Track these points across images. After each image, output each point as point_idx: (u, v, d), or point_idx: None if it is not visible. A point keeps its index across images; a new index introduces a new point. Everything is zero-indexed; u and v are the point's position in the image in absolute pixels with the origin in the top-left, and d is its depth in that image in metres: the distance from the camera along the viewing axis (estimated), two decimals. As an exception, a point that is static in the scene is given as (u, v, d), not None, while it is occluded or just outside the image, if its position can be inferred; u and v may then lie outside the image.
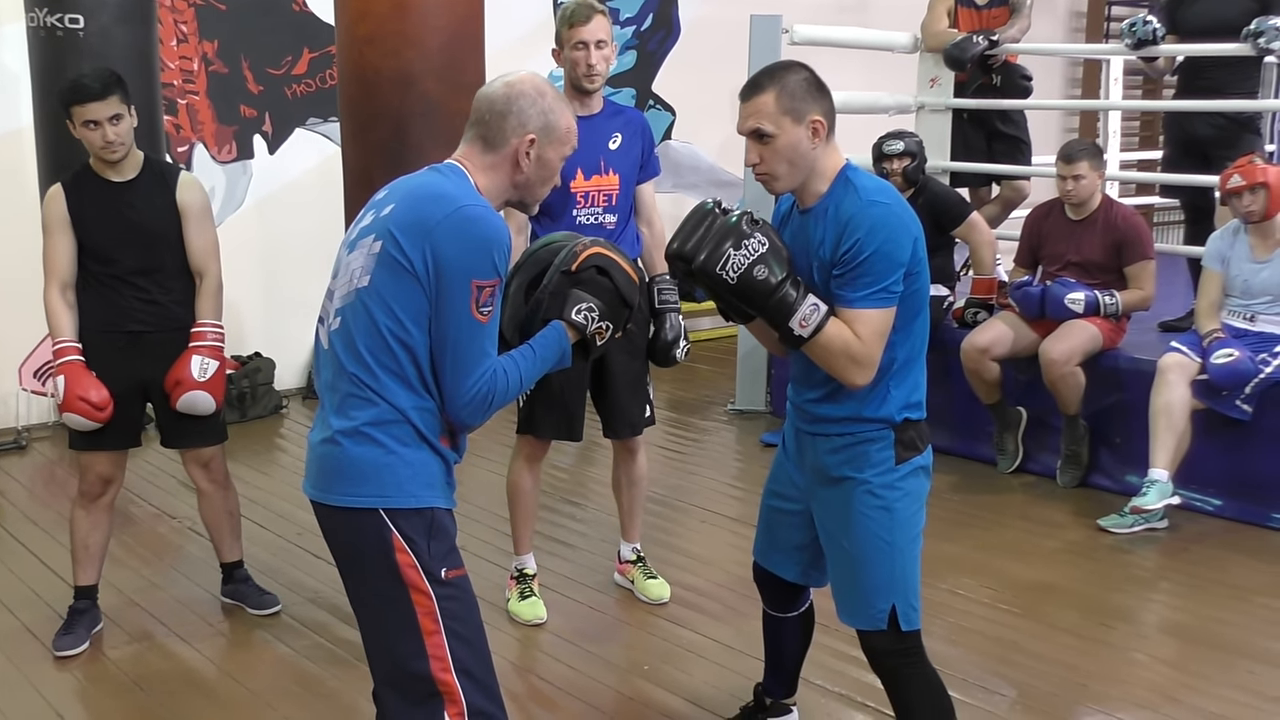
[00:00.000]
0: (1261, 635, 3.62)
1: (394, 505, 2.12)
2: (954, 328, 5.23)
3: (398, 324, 2.09)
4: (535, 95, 2.22)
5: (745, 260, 2.31)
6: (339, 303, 2.17)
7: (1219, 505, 4.57)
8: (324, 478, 2.18)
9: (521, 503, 3.76)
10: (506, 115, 2.20)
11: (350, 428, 2.12)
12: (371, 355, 2.10)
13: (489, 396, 2.13)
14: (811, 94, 2.35)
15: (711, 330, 7.58)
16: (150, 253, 3.48)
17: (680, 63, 7.72)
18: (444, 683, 2.14)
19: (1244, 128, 5.26)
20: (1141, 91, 9.33)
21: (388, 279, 2.09)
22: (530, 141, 2.20)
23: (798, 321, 2.33)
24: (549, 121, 2.22)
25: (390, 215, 2.13)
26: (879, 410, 2.42)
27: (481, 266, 2.08)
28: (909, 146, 5.15)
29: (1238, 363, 4.32)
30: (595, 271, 2.29)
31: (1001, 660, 3.46)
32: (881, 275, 2.31)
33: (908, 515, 2.45)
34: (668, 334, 3.65)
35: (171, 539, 4.49)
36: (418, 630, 2.13)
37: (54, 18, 4.34)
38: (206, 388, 3.50)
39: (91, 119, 3.32)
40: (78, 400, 3.37)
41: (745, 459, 5.49)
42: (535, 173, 2.23)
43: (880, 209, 2.33)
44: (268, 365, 6.25)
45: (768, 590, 2.82)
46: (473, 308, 2.08)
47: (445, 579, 2.15)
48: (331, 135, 6.49)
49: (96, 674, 3.44)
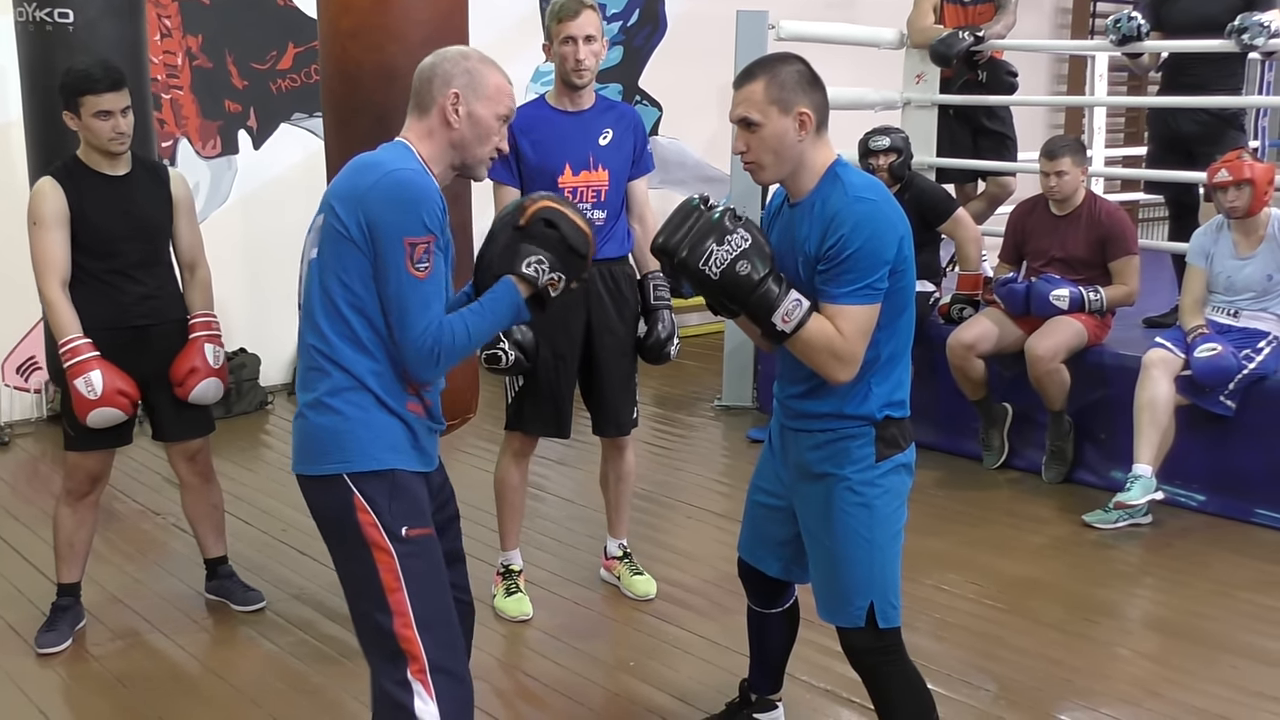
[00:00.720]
0: (1244, 630, 3.64)
1: (355, 469, 2.21)
2: (940, 324, 5.24)
3: (346, 290, 2.19)
4: (458, 57, 2.31)
5: (727, 256, 2.32)
6: (303, 280, 2.28)
7: (1202, 500, 4.60)
8: (296, 451, 2.29)
9: (509, 499, 3.76)
10: (432, 79, 2.29)
11: (313, 399, 2.24)
12: (328, 323, 2.21)
13: (435, 349, 2.20)
14: (802, 86, 2.36)
15: (699, 326, 7.59)
16: (151, 246, 3.50)
17: (667, 58, 7.71)
18: (405, 638, 2.21)
19: (1228, 124, 5.28)
20: (1126, 88, 9.37)
21: (332, 248, 2.20)
22: (455, 96, 2.27)
23: (780, 317, 2.34)
24: (472, 79, 2.29)
25: (330, 189, 2.25)
26: (860, 407, 2.42)
27: (411, 224, 2.16)
28: (895, 142, 5.15)
29: (1221, 358, 4.34)
30: (544, 225, 2.33)
31: (986, 655, 3.47)
32: (865, 272, 2.31)
33: (888, 513, 2.45)
34: (660, 332, 3.65)
35: (155, 535, 4.47)
36: (380, 587, 2.21)
37: (43, 12, 4.31)
38: (219, 374, 3.55)
39: (105, 109, 3.32)
40: (117, 394, 3.35)
41: (732, 455, 5.49)
42: (469, 130, 2.29)
43: (866, 205, 2.33)
44: (252, 361, 6.23)
45: (752, 586, 2.82)
46: (408, 264, 2.16)
47: (406, 537, 2.22)
48: (317, 130, 6.45)
49: (80, 671, 3.43)
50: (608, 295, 3.61)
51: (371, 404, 2.22)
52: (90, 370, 3.32)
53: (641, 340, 3.69)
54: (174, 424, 3.62)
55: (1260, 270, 4.45)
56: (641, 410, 3.93)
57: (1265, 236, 4.44)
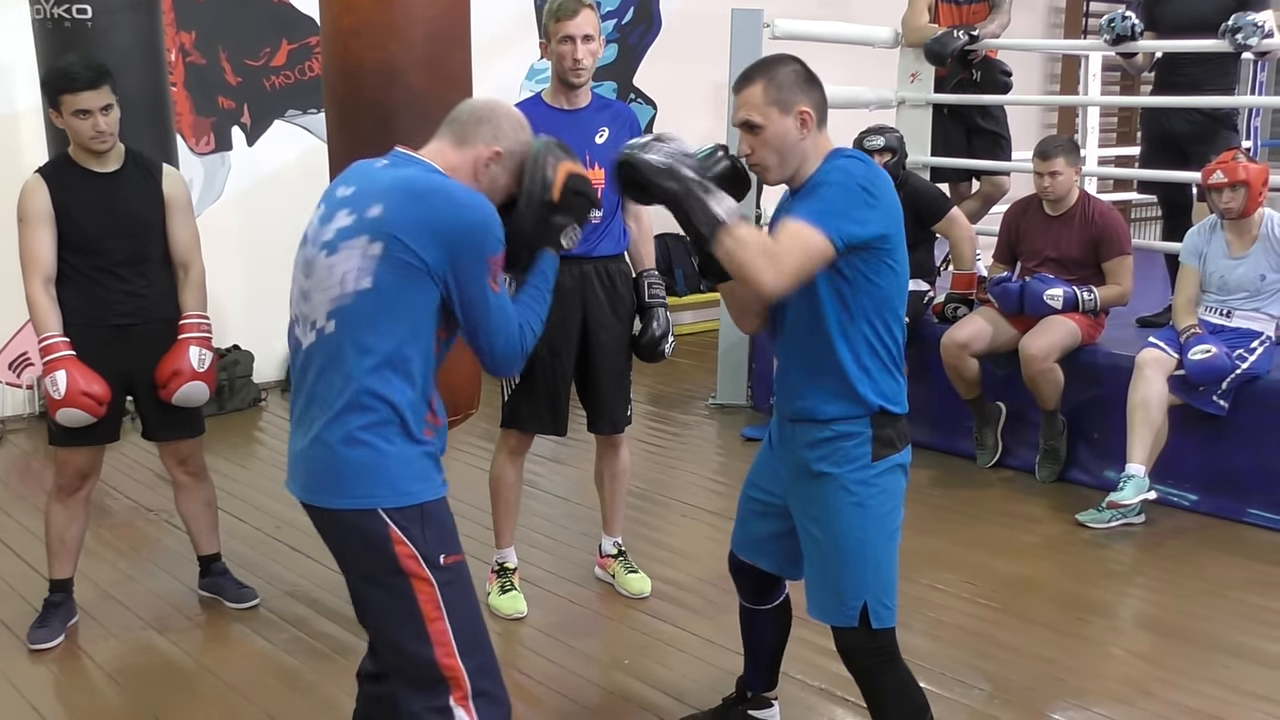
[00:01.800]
0: (1236, 630, 3.65)
1: (389, 505, 2.16)
2: (934, 323, 5.25)
3: (405, 323, 2.15)
4: (518, 123, 2.33)
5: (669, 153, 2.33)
6: (329, 305, 2.17)
7: (1195, 500, 4.61)
8: (316, 480, 2.20)
9: (504, 497, 3.76)
10: (483, 122, 2.28)
11: (344, 432, 2.15)
12: (375, 355, 2.14)
13: (520, 348, 2.28)
14: (800, 85, 2.37)
15: (693, 325, 7.59)
16: (139, 244, 3.46)
17: (661, 56, 7.71)
18: (449, 667, 2.18)
19: (1220, 124, 5.29)
20: (1120, 87, 9.39)
21: (396, 280, 2.13)
22: (495, 154, 2.27)
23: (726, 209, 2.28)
24: (519, 150, 2.31)
25: (385, 217, 2.15)
26: (855, 407, 2.42)
27: (492, 244, 2.18)
28: (889, 142, 5.16)
29: (1214, 358, 4.35)
30: (573, 195, 2.34)
31: (979, 654, 3.48)
32: (828, 200, 2.30)
33: (882, 512, 2.45)
34: (655, 330, 3.65)
35: (148, 532, 4.47)
36: (421, 618, 2.17)
37: (61, 8, 4.29)
38: (204, 378, 3.51)
39: (83, 108, 3.29)
40: (81, 395, 3.32)
41: (726, 453, 5.50)
42: (487, 187, 2.28)
43: (856, 163, 2.36)
44: (246, 358, 6.22)
45: (743, 581, 2.83)
46: (490, 283, 2.18)
47: (444, 565, 2.19)
48: (311, 127, 6.46)
49: (72, 668, 3.42)
50: (603, 293, 3.61)
51: (401, 436, 2.17)
52: (57, 370, 3.31)
53: (636, 338, 3.69)
54: (162, 425, 3.61)
55: (1253, 270, 4.46)
56: (636, 408, 3.94)
57: (1258, 236, 4.45)
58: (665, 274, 3.83)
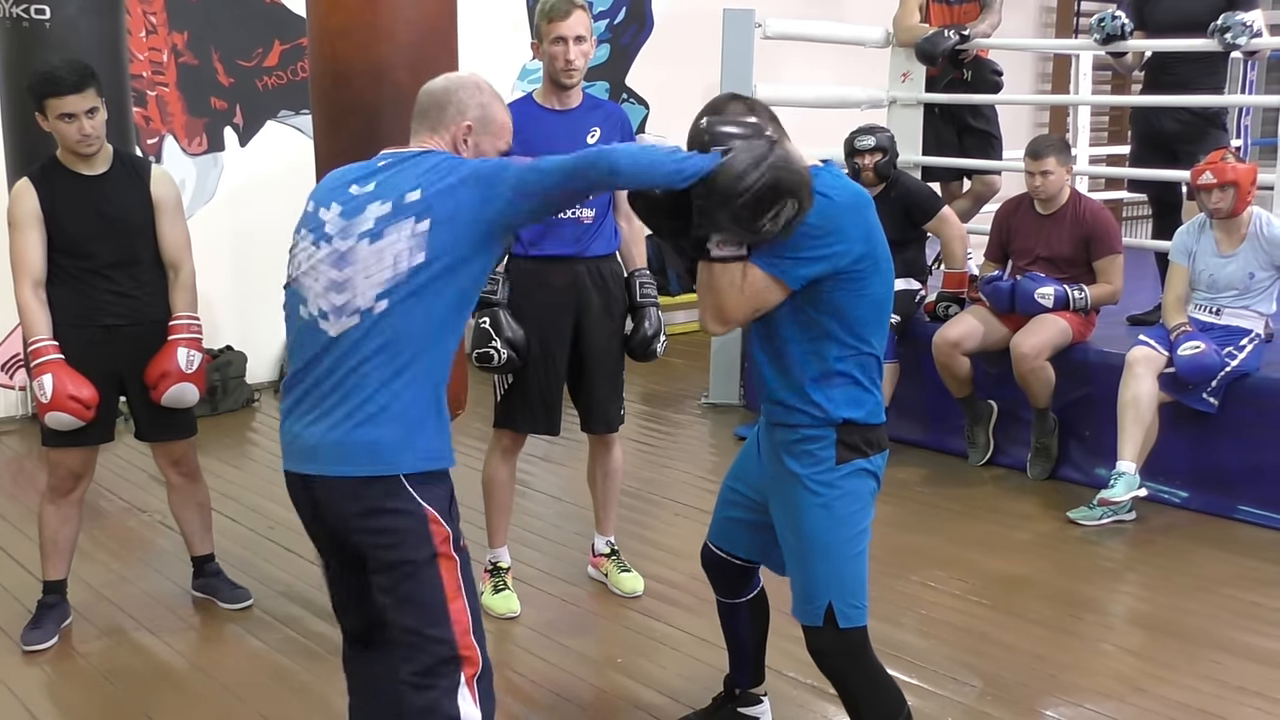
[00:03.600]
0: (1226, 626, 3.67)
1: (414, 470, 2.19)
2: (925, 322, 5.27)
3: (460, 291, 2.21)
4: (473, 88, 2.36)
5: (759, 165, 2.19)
6: (378, 288, 2.17)
7: (1185, 497, 4.63)
8: (339, 452, 2.20)
9: (497, 496, 3.77)
10: (446, 105, 2.33)
11: (378, 409, 2.17)
12: (427, 329, 2.18)
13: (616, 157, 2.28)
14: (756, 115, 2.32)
15: (686, 324, 7.59)
16: (127, 246, 3.45)
17: (653, 56, 7.72)
18: (466, 645, 2.23)
19: (1210, 123, 5.31)
20: (1110, 87, 9.41)
21: (449, 240, 2.17)
22: (467, 128, 2.32)
23: (718, 241, 2.27)
24: (485, 113, 2.35)
25: (425, 198, 2.19)
26: (819, 411, 2.42)
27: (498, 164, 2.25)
28: (880, 141, 5.17)
29: (1204, 356, 4.37)
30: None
31: (971, 651, 3.49)
32: (785, 247, 2.28)
33: (846, 514, 2.45)
34: (647, 330, 3.66)
35: (141, 533, 4.47)
36: (444, 598, 2.21)
37: (19, 8, 4.29)
38: (192, 379, 3.50)
39: (68, 112, 3.28)
40: (68, 399, 3.32)
41: (719, 452, 5.51)
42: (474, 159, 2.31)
43: (819, 201, 2.27)
44: (239, 359, 6.22)
45: (716, 576, 2.85)
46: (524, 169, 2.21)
47: (462, 546, 2.27)
48: (303, 128, 6.45)
49: (66, 669, 3.42)
50: (596, 292, 3.62)
51: (431, 406, 2.23)
52: (45, 374, 3.31)
53: (628, 337, 3.70)
54: (153, 425, 3.61)
55: (1242, 268, 4.48)
56: (629, 408, 3.94)
57: (1247, 235, 4.47)
58: (657, 273, 3.82)
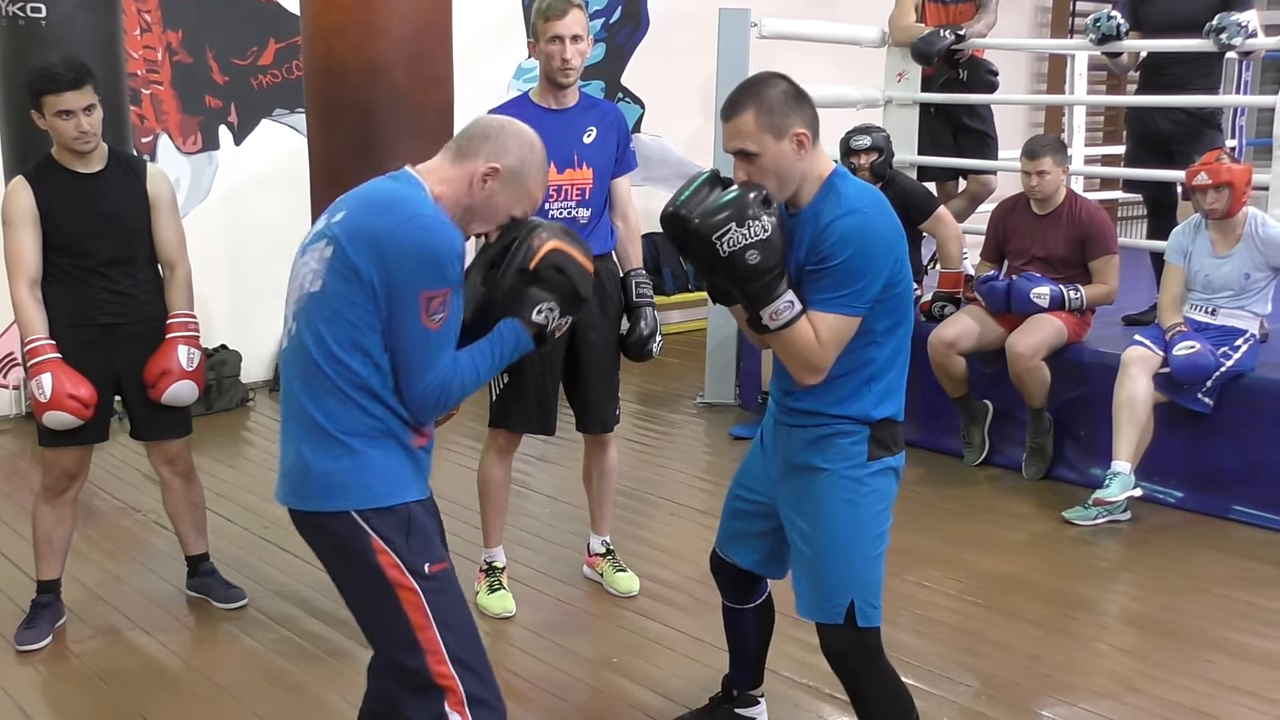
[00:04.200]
0: (1221, 625, 3.67)
1: (365, 506, 2.13)
2: (921, 321, 5.26)
3: (352, 328, 2.10)
4: (528, 144, 2.24)
5: (743, 239, 2.26)
6: (294, 306, 2.18)
7: (1180, 497, 4.63)
8: (295, 484, 2.19)
9: (492, 496, 3.76)
10: (489, 138, 2.21)
11: (316, 436, 2.13)
12: (327, 362, 2.11)
13: (443, 397, 2.16)
14: (792, 106, 2.32)
15: (681, 324, 7.59)
16: (124, 244, 3.45)
17: (649, 55, 7.71)
18: (441, 674, 2.17)
19: (1205, 123, 5.32)
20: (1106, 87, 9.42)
21: (340, 286, 2.09)
22: (492, 170, 2.19)
23: (770, 313, 2.32)
24: (522, 170, 2.22)
25: (341, 221, 2.14)
26: (856, 408, 2.43)
27: (430, 277, 2.08)
28: (876, 141, 5.17)
29: (1199, 356, 4.37)
30: (554, 270, 2.26)
31: (966, 651, 3.49)
32: (845, 283, 2.31)
33: (873, 513, 2.46)
34: (643, 329, 3.65)
35: (136, 532, 4.46)
36: (409, 626, 2.15)
37: (15, 6, 4.27)
38: (192, 377, 3.50)
39: (66, 109, 3.28)
40: (67, 398, 3.31)
41: (714, 452, 5.51)
42: (481, 204, 2.22)
43: (857, 218, 2.31)
44: (234, 358, 6.21)
45: (724, 581, 2.83)
46: (423, 318, 2.09)
47: (429, 573, 2.17)
48: (298, 126, 6.44)
49: (60, 668, 3.41)
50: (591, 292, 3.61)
51: (378, 439, 2.14)
52: (43, 373, 3.30)
53: (624, 337, 3.69)
54: (149, 424, 3.60)
55: (1238, 268, 4.48)
56: (624, 408, 3.94)
57: (1243, 235, 4.47)
58: (653, 273, 3.83)
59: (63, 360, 3.34)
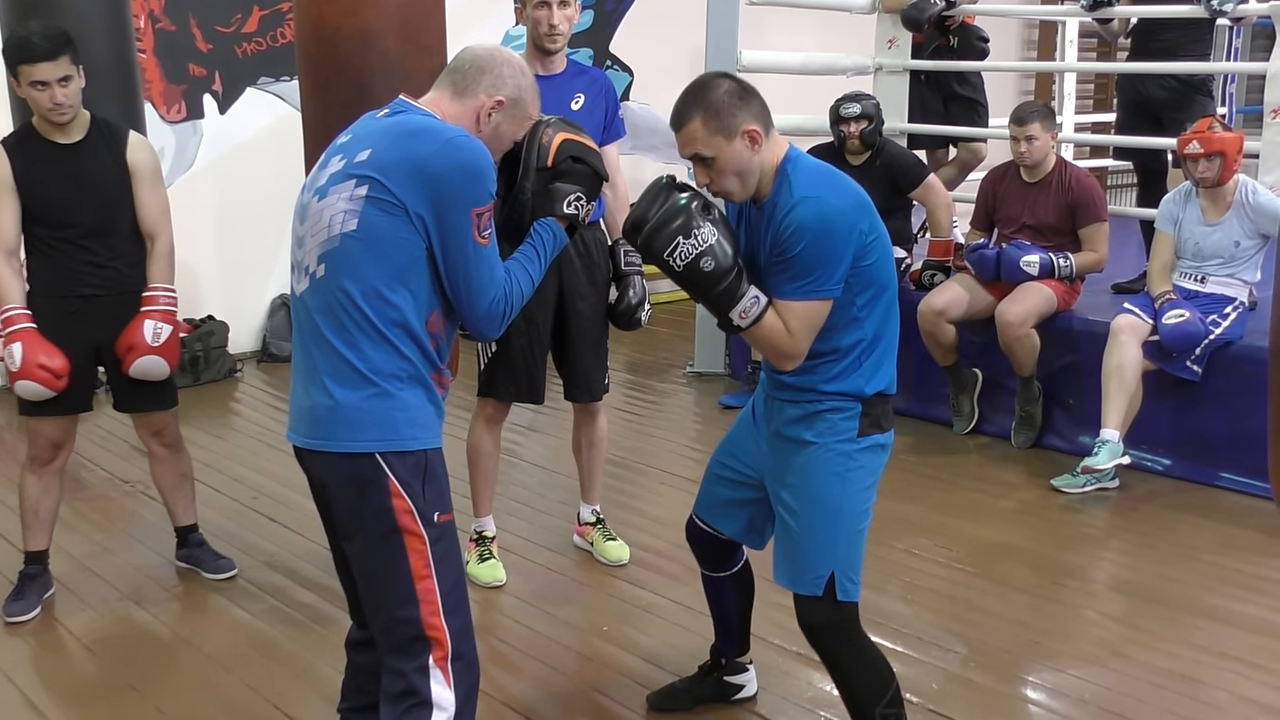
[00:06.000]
0: (1208, 592, 3.69)
1: (391, 448, 2.14)
2: (911, 290, 5.25)
3: (391, 266, 2.10)
4: (519, 70, 2.28)
5: (692, 250, 2.32)
6: (319, 249, 2.14)
7: (1168, 465, 4.65)
8: (318, 426, 2.17)
9: (482, 465, 3.75)
10: (484, 72, 2.24)
11: (345, 375, 2.12)
12: (364, 299, 2.10)
13: (505, 308, 2.22)
14: (738, 105, 2.33)
15: (670, 293, 7.57)
16: (104, 215, 3.41)
17: (638, 23, 7.66)
18: (432, 626, 2.16)
19: (1196, 90, 5.31)
20: (1096, 54, 9.39)
21: (382, 220, 2.09)
22: (497, 103, 2.23)
23: (737, 313, 2.37)
24: (520, 96, 2.26)
25: (371, 160, 2.12)
26: (849, 384, 2.43)
27: (479, 194, 2.13)
28: (866, 109, 5.14)
29: (1188, 324, 4.37)
30: (571, 161, 2.33)
31: (955, 618, 3.51)
32: (807, 271, 2.32)
33: (860, 488, 2.47)
34: (631, 298, 3.64)
35: (124, 504, 4.45)
36: (409, 575, 2.15)
37: None
38: (160, 352, 3.44)
39: (40, 79, 3.23)
40: (37, 368, 3.29)
41: (704, 421, 5.51)
42: (489, 136, 2.24)
43: (808, 206, 2.31)
44: (221, 328, 6.18)
45: (701, 550, 2.85)
46: (475, 235, 2.13)
47: (437, 522, 2.18)
48: (284, 95, 6.39)
49: (49, 640, 3.41)
50: (579, 260, 3.60)
51: (409, 381, 2.14)
52: (14, 342, 3.28)
53: (613, 306, 3.68)
54: (133, 397, 3.58)
55: (1228, 236, 4.48)
56: (613, 377, 3.93)
57: (1233, 203, 4.46)
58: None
59: (36, 330, 3.31)
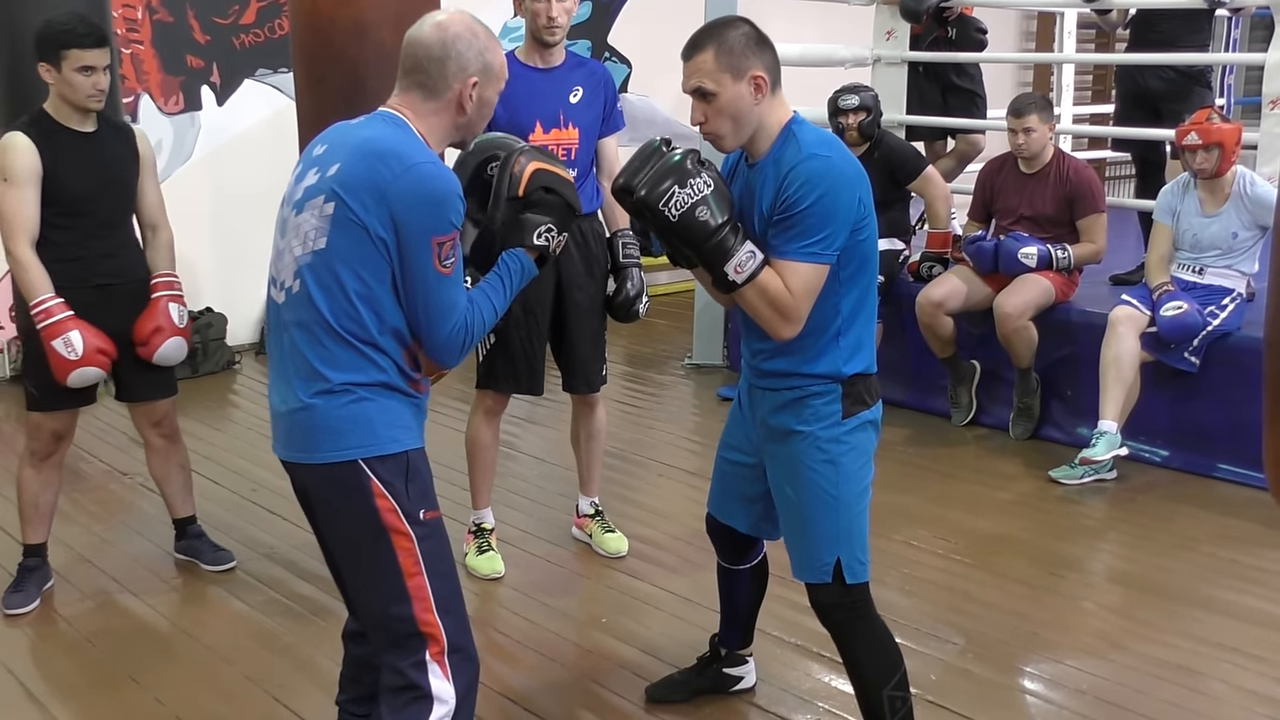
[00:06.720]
0: (1205, 583, 3.70)
1: (371, 454, 2.14)
2: (909, 281, 5.26)
3: (361, 283, 2.10)
4: (470, 36, 2.22)
5: (688, 199, 2.30)
6: (295, 264, 2.15)
7: (1166, 456, 4.65)
8: (299, 437, 2.18)
9: (481, 457, 3.76)
10: (445, 60, 2.19)
11: (322, 388, 2.13)
12: (335, 317, 2.11)
13: (465, 338, 2.19)
14: (751, 49, 2.33)
15: (669, 285, 7.57)
16: (120, 205, 3.46)
17: (636, 14, 7.64)
18: (426, 623, 2.17)
19: (1194, 81, 5.30)
20: (1095, 45, 9.37)
21: (345, 241, 2.09)
22: (473, 84, 2.21)
23: (733, 267, 2.33)
24: (486, 61, 2.23)
25: (338, 175, 2.12)
26: (826, 365, 2.42)
27: (439, 223, 2.10)
28: (864, 101, 5.13)
29: (1186, 315, 4.38)
30: (543, 191, 2.31)
31: (953, 609, 3.51)
32: (814, 229, 2.30)
33: (854, 469, 2.46)
34: (629, 290, 3.64)
35: (123, 495, 4.45)
36: (399, 573, 2.16)
37: None
38: (183, 334, 3.51)
39: (89, 65, 3.26)
40: (97, 353, 3.31)
41: (702, 413, 5.51)
42: (477, 113, 2.25)
43: (819, 162, 2.31)
44: (219, 321, 6.18)
45: (720, 542, 2.84)
46: (435, 264, 2.11)
47: (423, 520, 2.18)
48: (281, 86, 6.38)
49: (48, 632, 3.41)
50: (577, 252, 3.60)
51: (382, 389, 2.15)
52: (69, 330, 3.27)
53: (611, 298, 3.68)
54: (137, 385, 3.59)
55: (1226, 228, 4.48)
56: (612, 369, 3.93)
57: (1231, 195, 4.47)
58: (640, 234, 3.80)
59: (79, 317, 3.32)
